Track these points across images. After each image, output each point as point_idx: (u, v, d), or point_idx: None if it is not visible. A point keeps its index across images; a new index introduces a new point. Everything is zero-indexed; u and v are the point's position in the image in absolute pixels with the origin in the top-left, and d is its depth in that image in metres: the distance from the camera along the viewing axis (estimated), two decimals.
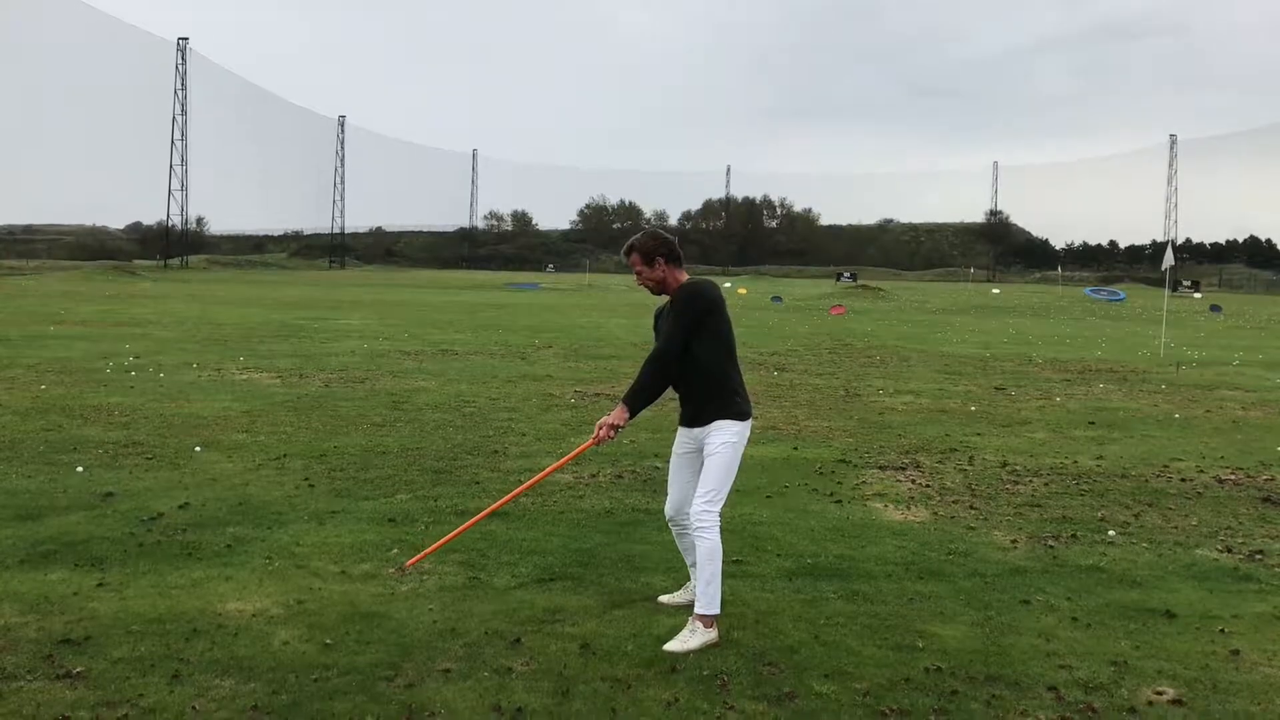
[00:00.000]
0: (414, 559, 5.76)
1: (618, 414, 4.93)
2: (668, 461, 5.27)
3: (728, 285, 75.91)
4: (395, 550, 6.18)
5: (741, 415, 4.95)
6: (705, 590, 4.80)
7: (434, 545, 5.81)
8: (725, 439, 4.89)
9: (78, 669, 4.31)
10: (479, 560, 6.00)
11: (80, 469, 8.26)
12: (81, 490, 7.56)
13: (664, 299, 5.14)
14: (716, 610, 4.80)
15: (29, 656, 4.45)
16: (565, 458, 5.78)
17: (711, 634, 4.75)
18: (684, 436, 5.11)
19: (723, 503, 4.91)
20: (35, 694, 4.07)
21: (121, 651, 4.52)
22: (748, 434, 5.01)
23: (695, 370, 4.92)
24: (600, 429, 4.95)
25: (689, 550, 5.16)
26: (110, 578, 5.55)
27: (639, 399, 4.96)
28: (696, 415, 4.99)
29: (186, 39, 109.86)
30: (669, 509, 5.22)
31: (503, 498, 6.06)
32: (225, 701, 4.03)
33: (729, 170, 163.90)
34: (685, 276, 5.05)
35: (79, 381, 13.84)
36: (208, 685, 4.18)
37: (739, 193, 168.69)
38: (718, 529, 4.84)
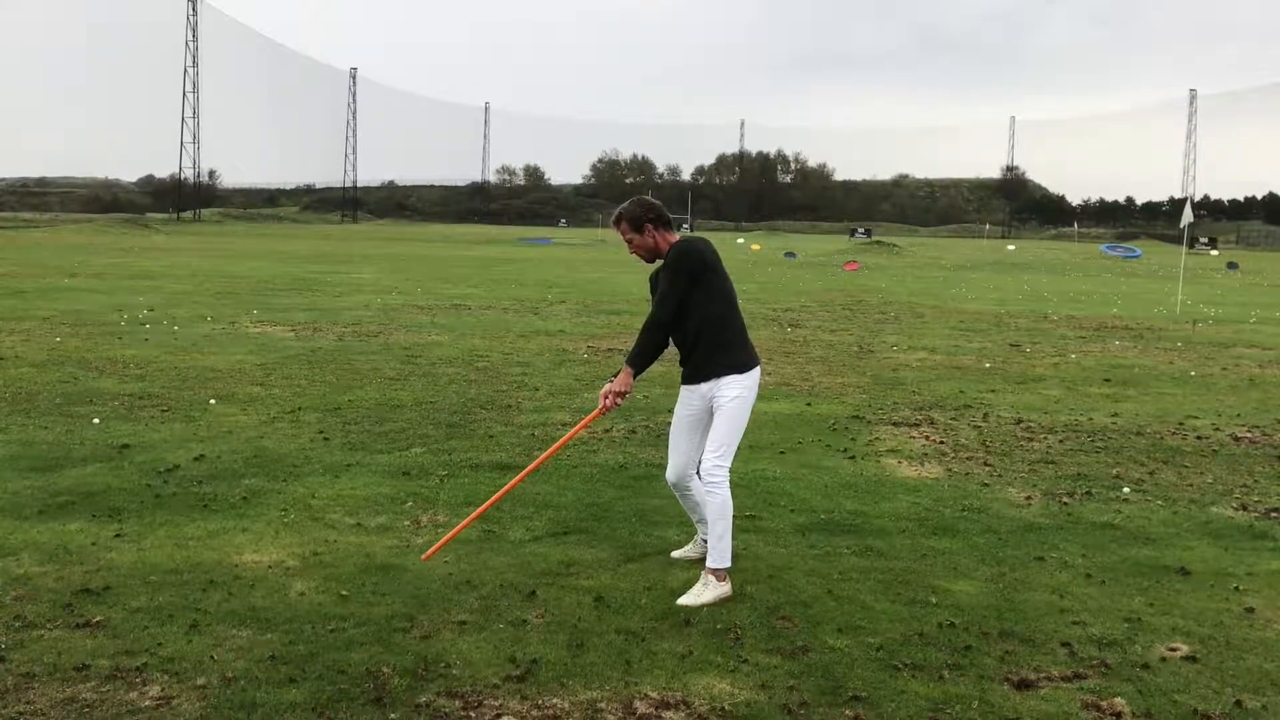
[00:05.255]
0: (431, 550, 5.24)
1: (622, 379, 4.91)
2: None
3: (740, 241, 75.58)
4: (410, 503, 6.20)
5: (746, 366, 4.89)
6: (716, 545, 4.80)
7: (450, 534, 5.35)
8: (735, 393, 4.84)
9: (97, 618, 4.35)
10: (493, 514, 6.01)
11: (96, 421, 8.31)
12: (98, 442, 7.60)
13: (658, 265, 5.07)
14: (728, 564, 4.81)
15: (49, 605, 4.49)
16: (573, 430, 5.46)
17: (724, 588, 4.77)
18: (688, 396, 5.02)
19: (733, 457, 4.89)
20: (55, 642, 4.11)
21: (140, 601, 4.56)
22: (757, 385, 4.96)
23: (695, 326, 4.86)
24: (605, 398, 4.93)
25: (694, 508, 5.14)
26: (127, 528, 5.59)
27: (640, 362, 4.95)
28: (699, 370, 4.92)
29: None
30: (671, 475, 5.12)
31: (503, 488, 5.64)
32: (243, 651, 4.07)
33: (743, 124, 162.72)
34: (675, 238, 5.00)
35: (94, 334, 13.89)
36: (225, 635, 4.22)
37: (753, 147, 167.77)
38: (728, 484, 4.84)
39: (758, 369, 4.99)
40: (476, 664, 4.01)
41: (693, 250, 4.85)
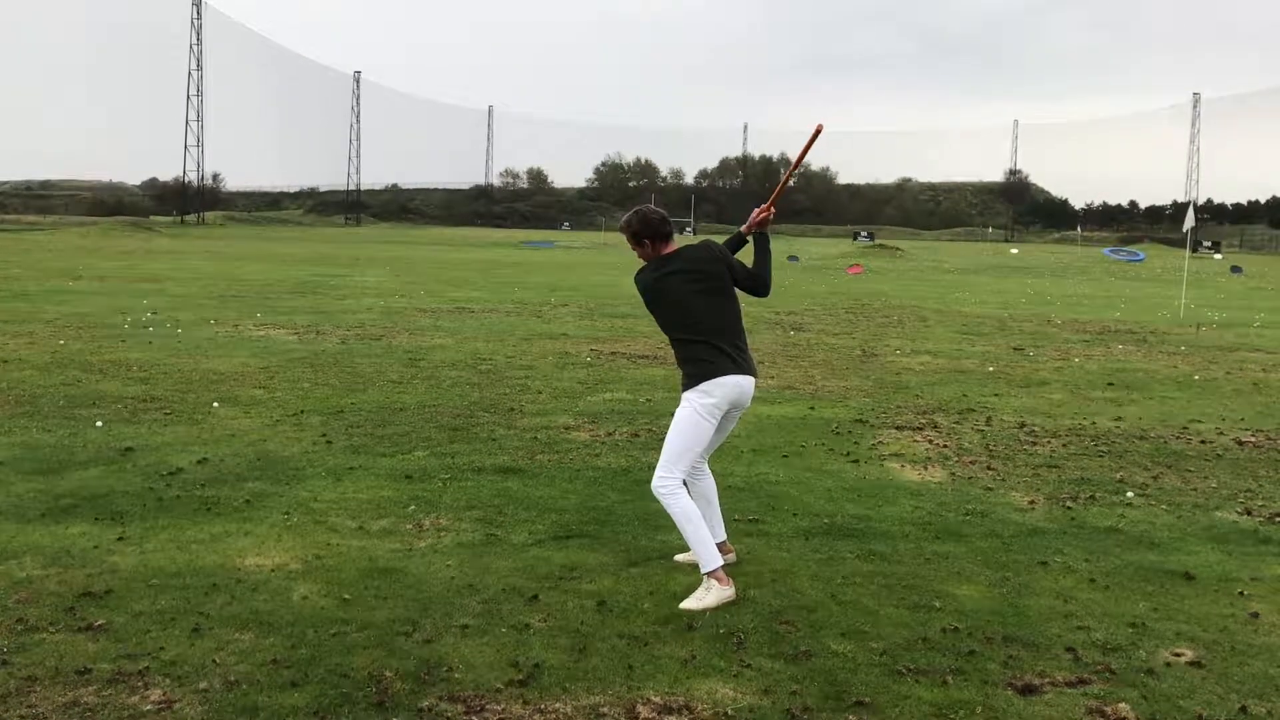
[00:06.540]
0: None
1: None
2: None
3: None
4: (413, 507, 6.20)
5: (689, 384, 4.96)
6: (697, 551, 4.85)
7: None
8: (681, 407, 4.97)
9: (99, 621, 4.35)
10: (496, 518, 6.02)
11: (99, 424, 8.31)
12: (101, 445, 7.61)
13: None
14: (717, 563, 4.81)
15: (51, 609, 4.49)
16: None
17: (727, 590, 4.76)
18: None
19: (680, 468, 4.91)
20: (58, 645, 4.11)
21: (142, 605, 4.56)
22: (718, 394, 4.91)
23: None
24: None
25: (697, 498, 5.17)
26: (130, 532, 5.59)
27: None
28: None
29: None
30: None
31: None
32: (245, 655, 4.06)
33: (746, 128, 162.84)
34: (674, 248, 5.14)
35: (97, 337, 13.91)
36: (228, 639, 4.22)
37: (756, 151, 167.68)
38: (678, 491, 4.87)
39: (718, 379, 4.90)
40: (479, 668, 4.00)
41: (637, 289, 5.18)
